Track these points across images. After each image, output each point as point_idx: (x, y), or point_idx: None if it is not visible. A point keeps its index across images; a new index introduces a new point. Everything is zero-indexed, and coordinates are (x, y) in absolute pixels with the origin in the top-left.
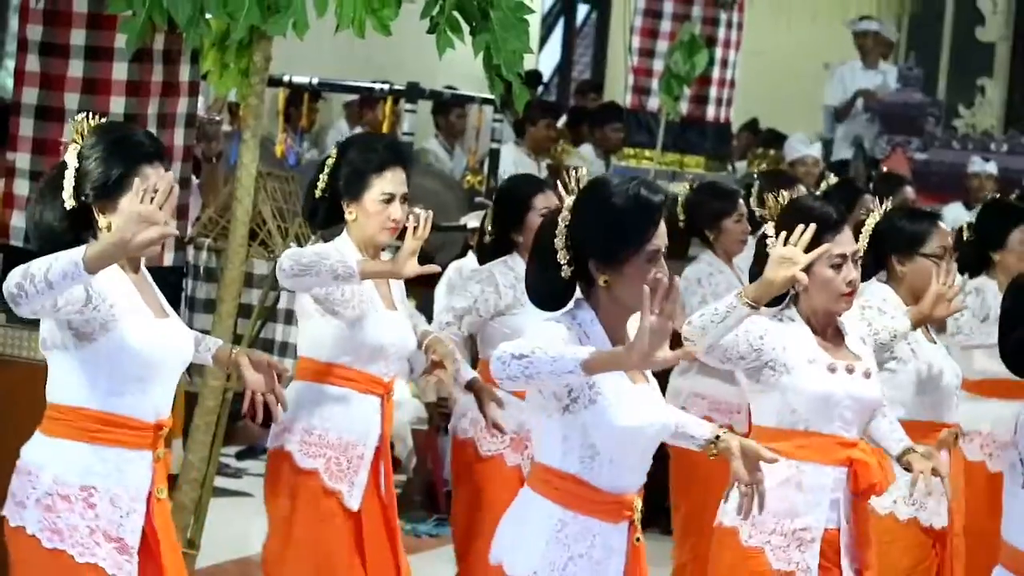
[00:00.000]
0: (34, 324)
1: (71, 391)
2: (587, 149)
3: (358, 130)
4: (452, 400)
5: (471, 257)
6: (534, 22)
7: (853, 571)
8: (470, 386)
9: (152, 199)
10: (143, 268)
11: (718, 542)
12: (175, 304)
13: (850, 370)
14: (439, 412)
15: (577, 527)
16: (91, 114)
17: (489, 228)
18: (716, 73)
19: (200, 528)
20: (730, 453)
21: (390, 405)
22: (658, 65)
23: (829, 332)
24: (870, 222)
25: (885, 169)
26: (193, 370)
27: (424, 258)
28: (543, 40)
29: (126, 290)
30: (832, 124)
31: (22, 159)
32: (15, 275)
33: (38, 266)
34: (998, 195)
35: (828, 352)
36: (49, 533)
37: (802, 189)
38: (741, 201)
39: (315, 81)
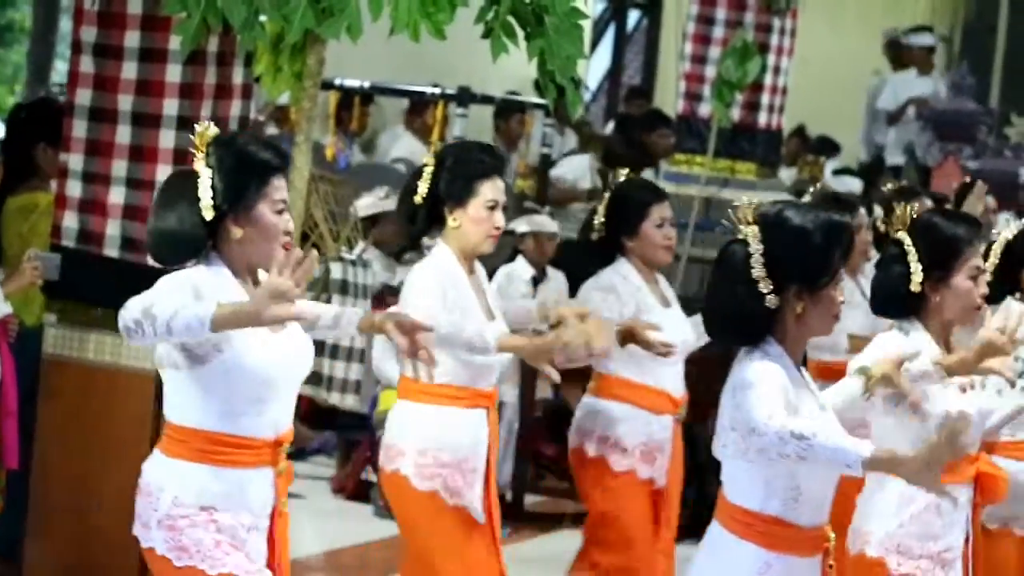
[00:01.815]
0: (87, 325)
1: (186, 412)
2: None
3: (410, 135)
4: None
5: (520, 261)
6: (585, 28)
7: None
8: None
9: (292, 272)
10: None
11: (864, 574)
12: None
13: (972, 385)
14: None
15: (781, 566)
16: (213, 122)
17: (597, 227)
18: (768, 80)
19: None
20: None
21: (495, 415)
22: (710, 71)
23: (948, 346)
24: (1003, 238)
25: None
26: None
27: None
28: (593, 45)
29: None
30: (868, 131)
31: (75, 160)
32: (135, 309)
33: (161, 309)
34: None
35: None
36: (177, 552)
37: (928, 203)
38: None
39: (367, 85)
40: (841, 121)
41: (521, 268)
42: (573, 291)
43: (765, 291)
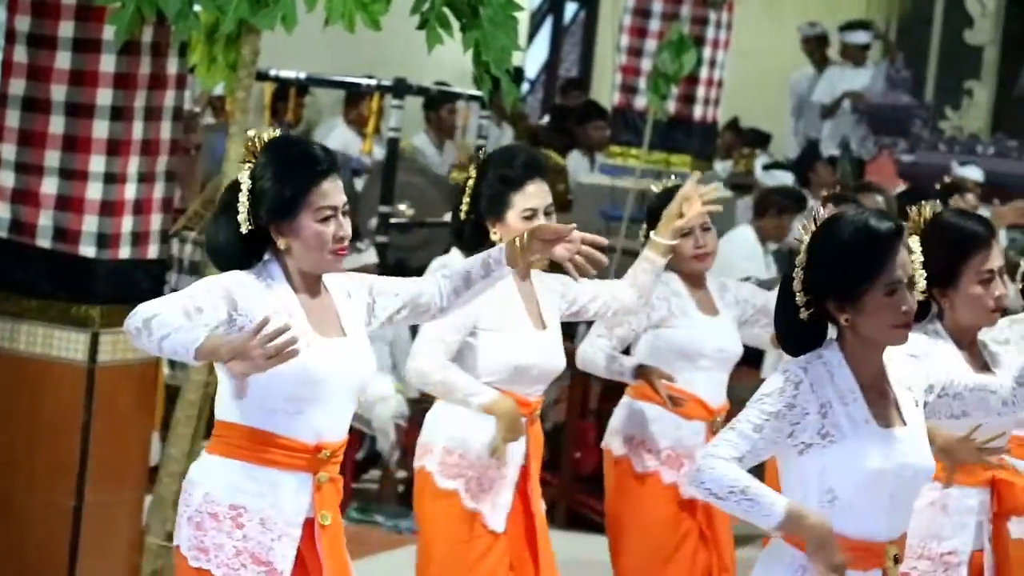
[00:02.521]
0: (19, 316)
1: (226, 407)
2: (575, 155)
3: (346, 126)
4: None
5: (455, 252)
6: (522, 20)
7: None
8: (640, 372)
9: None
10: (329, 288)
11: None
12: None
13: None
14: (421, 408)
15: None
16: (275, 129)
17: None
18: (704, 73)
19: None
20: None
21: (536, 428)
22: (646, 64)
23: (973, 348)
24: None
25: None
26: (175, 364)
27: (408, 254)
28: (530, 38)
29: (290, 310)
30: (795, 124)
31: (7, 150)
32: (142, 314)
33: (160, 324)
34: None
35: (974, 369)
36: (196, 552)
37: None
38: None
39: (302, 76)
40: (776, 114)
41: (456, 259)
42: None
43: (800, 303)
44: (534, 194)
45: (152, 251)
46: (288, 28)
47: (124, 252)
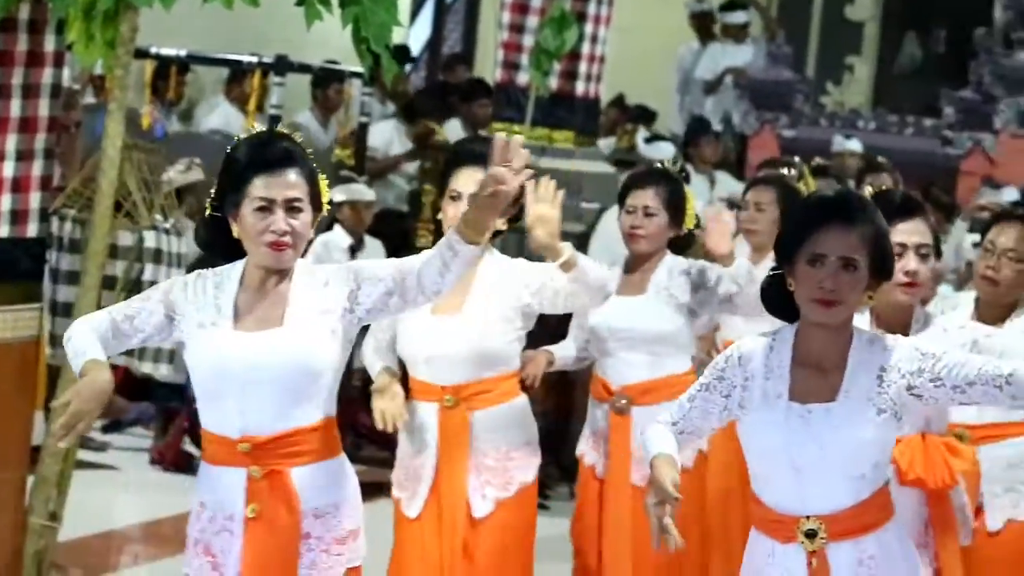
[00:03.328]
0: None
1: None
2: (455, 124)
3: (228, 104)
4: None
5: (338, 230)
6: None
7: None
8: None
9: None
10: (296, 278)
11: None
12: (38, 276)
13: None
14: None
15: (761, 543)
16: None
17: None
18: (586, 49)
19: (63, 501)
20: None
21: (453, 415)
22: (528, 40)
23: (903, 328)
24: None
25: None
26: (56, 343)
27: None
28: (413, 15)
29: (223, 303)
30: (680, 100)
31: None
32: (74, 326)
33: (74, 343)
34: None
35: None
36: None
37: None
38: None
39: (183, 54)
40: (661, 91)
41: (338, 237)
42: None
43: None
44: (462, 179)
45: (31, 229)
46: (166, 6)
47: (3, 230)
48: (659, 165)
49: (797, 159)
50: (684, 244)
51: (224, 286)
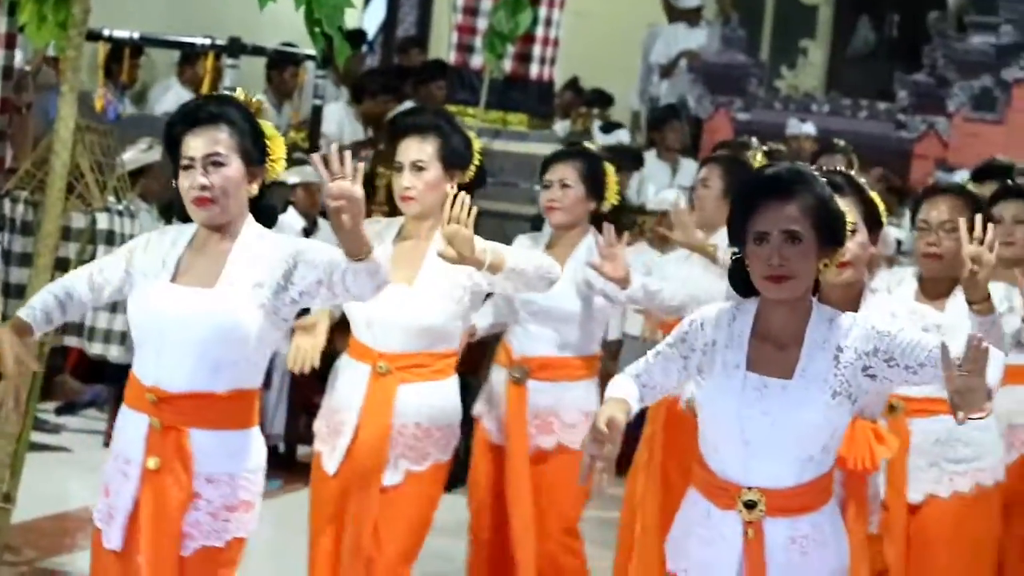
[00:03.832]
0: None
1: None
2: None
3: (181, 86)
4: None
5: (291, 212)
6: None
7: None
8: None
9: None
10: (242, 241)
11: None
12: None
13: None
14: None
15: (698, 504)
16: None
17: None
18: (540, 31)
19: (16, 483)
20: None
21: (383, 381)
22: (482, 23)
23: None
24: None
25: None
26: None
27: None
28: None
29: (169, 258)
30: (644, 84)
31: None
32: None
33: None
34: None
35: None
36: None
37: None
38: None
39: (136, 36)
40: (617, 74)
41: (292, 219)
42: None
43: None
44: (403, 149)
45: None
46: None
47: None
48: (581, 145)
49: (754, 140)
50: (611, 222)
51: (178, 242)
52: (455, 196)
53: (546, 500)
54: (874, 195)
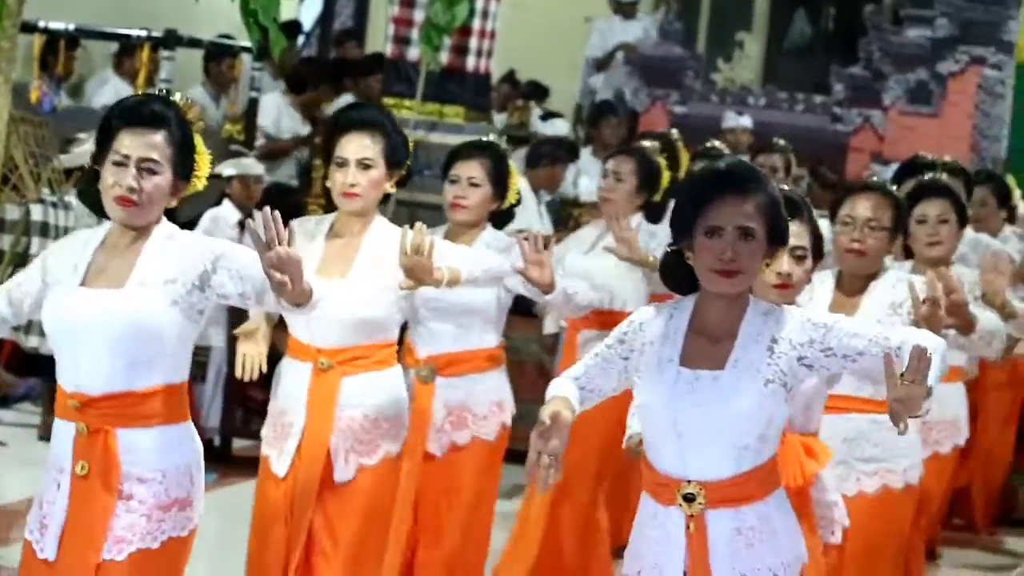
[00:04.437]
0: None
1: None
2: (347, 100)
3: (119, 79)
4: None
5: (227, 205)
6: None
7: None
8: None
9: None
10: (154, 241)
11: None
12: None
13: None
14: (195, 361)
15: (647, 505)
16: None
17: None
18: (476, 24)
19: None
20: None
21: (325, 378)
22: (419, 15)
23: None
24: None
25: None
26: None
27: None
28: None
29: (80, 261)
30: (586, 78)
31: None
32: None
33: None
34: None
35: None
36: None
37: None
38: None
39: (72, 27)
40: (555, 66)
41: (228, 212)
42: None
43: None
44: (346, 146)
45: None
46: None
47: None
48: (486, 139)
49: (675, 132)
50: (505, 219)
51: (89, 244)
52: (414, 227)
53: (455, 491)
54: (822, 226)
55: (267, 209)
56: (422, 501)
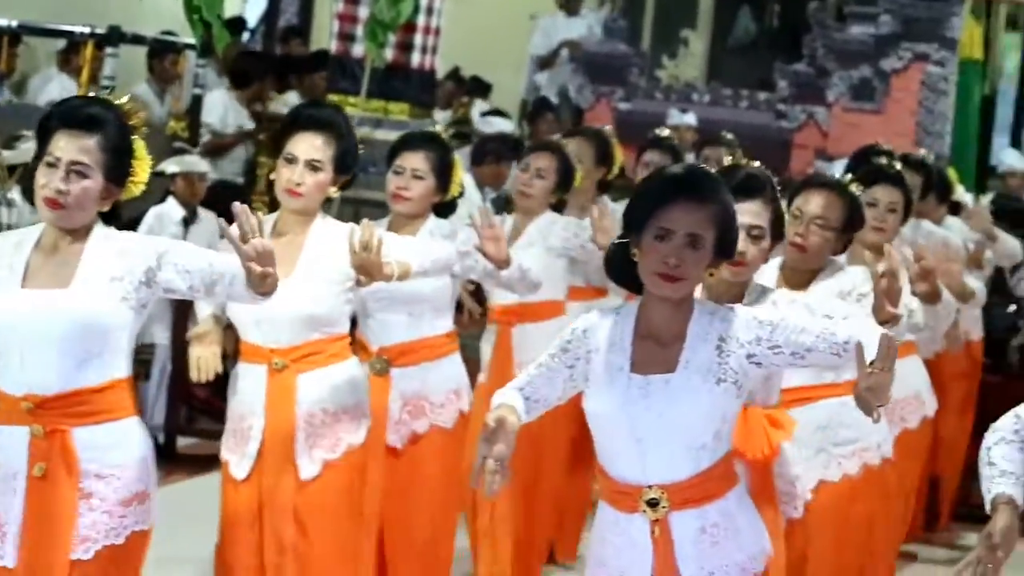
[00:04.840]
0: None
1: None
2: (292, 97)
3: (64, 76)
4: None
5: (171, 202)
6: None
7: None
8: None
9: None
10: (93, 241)
11: None
12: None
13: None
14: (139, 359)
15: (607, 513)
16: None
17: None
18: (421, 20)
19: None
20: None
21: (280, 378)
22: (363, 12)
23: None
24: None
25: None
26: None
27: (124, 204)
28: None
29: (16, 262)
30: (531, 75)
31: None
32: None
33: None
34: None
35: None
36: None
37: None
38: None
39: (14, 24)
40: (501, 63)
41: (172, 209)
42: None
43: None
44: (298, 142)
45: None
46: None
47: None
48: (429, 130)
49: (608, 128)
50: (447, 211)
51: (23, 245)
52: (362, 224)
53: (419, 481)
54: (783, 207)
55: (241, 205)
56: (387, 494)
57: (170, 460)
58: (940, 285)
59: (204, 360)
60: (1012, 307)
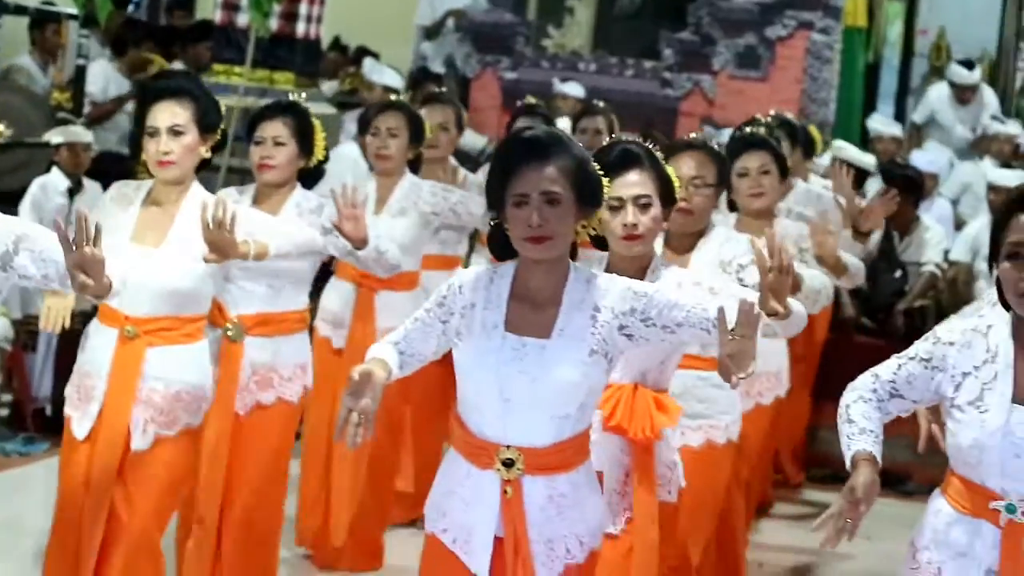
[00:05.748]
0: None
1: None
2: (177, 67)
3: None
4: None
5: (56, 173)
6: None
7: None
8: None
9: None
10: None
11: None
12: None
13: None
14: (26, 330)
15: (459, 465)
16: None
17: None
18: None
19: None
20: None
21: (131, 345)
22: None
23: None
24: None
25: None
26: None
27: (6, 176)
28: None
29: None
30: (418, 45)
31: None
32: None
33: None
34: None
35: None
36: None
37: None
38: None
39: None
40: (388, 33)
41: (56, 179)
42: None
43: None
44: (157, 113)
45: None
46: None
47: None
48: (287, 98)
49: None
50: (314, 177)
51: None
52: (217, 202)
53: (254, 451)
54: (670, 171)
55: (82, 211)
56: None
57: (57, 431)
58: (800, 274)
59: (54, 311)
60: (898, 272)
